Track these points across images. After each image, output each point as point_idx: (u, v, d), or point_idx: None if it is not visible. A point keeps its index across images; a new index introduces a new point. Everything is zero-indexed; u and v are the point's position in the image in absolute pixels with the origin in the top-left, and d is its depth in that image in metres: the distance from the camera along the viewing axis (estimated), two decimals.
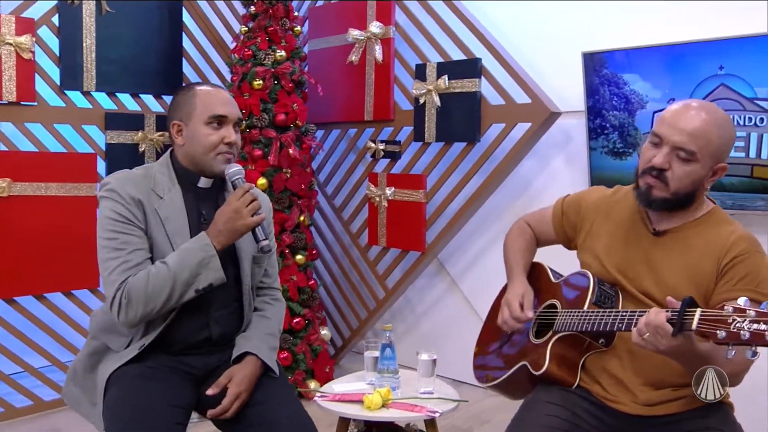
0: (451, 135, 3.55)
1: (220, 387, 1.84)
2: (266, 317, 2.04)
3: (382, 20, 3.76)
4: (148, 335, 1.85)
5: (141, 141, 3.67)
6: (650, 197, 1.73)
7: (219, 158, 1.87)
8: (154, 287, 1.74)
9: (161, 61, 3.79)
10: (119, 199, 1.81)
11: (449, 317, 3.97)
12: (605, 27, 3.22)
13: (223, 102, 1.89)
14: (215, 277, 1.79)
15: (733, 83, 2.78)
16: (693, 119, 1.67)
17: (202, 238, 1.79)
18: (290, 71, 3.62)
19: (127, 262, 1.77)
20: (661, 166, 1.69)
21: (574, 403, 1.78)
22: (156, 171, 1.92)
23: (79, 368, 1.94)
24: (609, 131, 3.15)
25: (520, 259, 2.11)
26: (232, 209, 1.80)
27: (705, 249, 1.71)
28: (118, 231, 1.79)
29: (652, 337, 1.51)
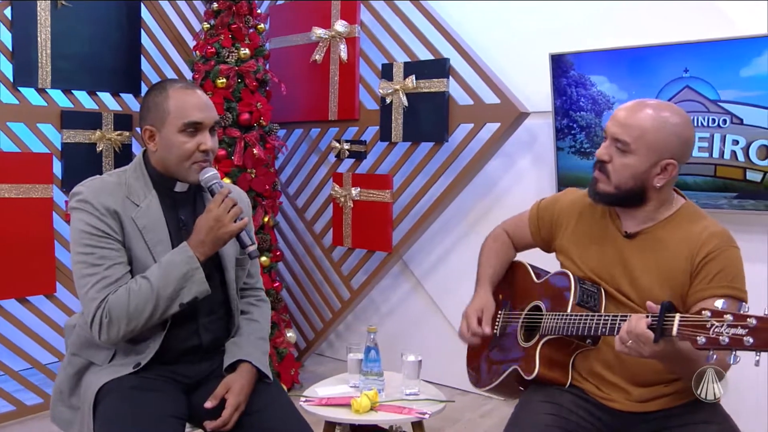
0: (418, 135, 3.55)
1: (218, 399, 1.78)
2: (254, 320, 1.99)
3: (347, 19, 3.73)
4: (142, 354, 1.78)
5: (99, 140, 3.54)
6: (596, 190, 1.80)
7: (194, 167, 1.77)
8: (136, 305, 1.66)
9: (119, 58, 3.67)
10: (93, 210, 1.71)
11: (414, 317, 3.97)
12: (570, 29, 3.28)
13: (198, 107, 1.76)
14: (199, 290, 1.73)
15: (698, 86, 2.86)
16: (632, 113, 1.74)
17: (185, 250, 1.71)
18: (255, 69, 3.55)
19: (106, 278, 1.68)
20: (601, 158, 1.76)
21: (569, 401, 1.79)
22: (129, 176, 1.82)
23: (65, 388, 1.85)
24: (576, 131, 3.21)
25: (488, 268, 2.12)
26: (212, 218, 1.72)
27: (677, 248, 1.74)
28: (94, 245, 1.69)
29: (634, 344, 1.52)
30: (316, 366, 4.21)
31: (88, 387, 1.76)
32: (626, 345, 1.54)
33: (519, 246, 2.16)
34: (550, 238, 2.04)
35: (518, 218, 2.17)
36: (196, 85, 1.91)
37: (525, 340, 1.93)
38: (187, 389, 1.86)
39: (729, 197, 2.85)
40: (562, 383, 1.83)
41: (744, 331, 1.36)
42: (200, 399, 1.83)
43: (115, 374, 1.75)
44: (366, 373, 2.33)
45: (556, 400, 1.78)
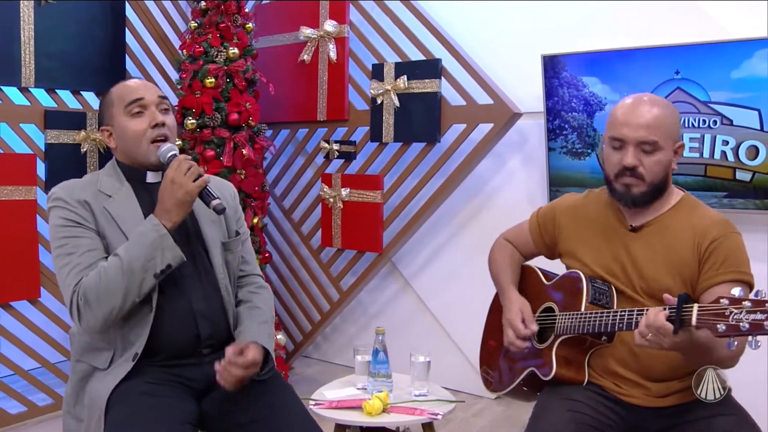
0: (410, 135, 3.55)
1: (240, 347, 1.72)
2: (256, 307, 1.96)
3: (336, 19, 3.71)
4: (136, 342, 1.73)
5: (83, 141, 3.45)
6: (631, 195, 1.82)
7: (152, 147, 1.80)
8: (108, 282, 1.64)
9: (104, 56, 3.58)
10: (65, 204, 1.74)
11: (403, 318, 3.97)
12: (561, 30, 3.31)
13: (136, 87, 1.84)
14: (172, 256, 1.69)
15: (689, 87, 2.92)
16: (644, 113, 1.77)
17: (150, 219, 1.70)
18: (244, 69, 3.51)
19: (79, 265, 1.68)
20: (633, 165, 1.78)
21: (588, 398, 1.81)
22: (102, 174, 1.87)
23: (71, 398, 1.80)
24: (568, 132, 3.25)
25: (508, 273, 2.13)
26: (169, 182, 1.70)
27: (681, 237, 1.80)
28: (68, 236, 1.72)
29: (654, 337, 1.56)
30: (304, 368, 4.18)
31: (95, 397, 1.72)
32: (646, 338, 1.57)
33: (524, 256, 2.18)
34: (553, 245, 2.07)
35: (518, 229, 2.20)
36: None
37: (539, 342, 1.94)
38: (196, 395, 1.82)
39: (719, 196, 2.91)
40: (579, 381, 1.86)
41: (764, 316, 1.40)
42: (210, 405, 1.81)
43: (118, 377, 1.71)
44: (374, 375, 2.32)
45: (575, 398, 1.80)
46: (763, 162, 2.80)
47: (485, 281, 3.58)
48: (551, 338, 1.89)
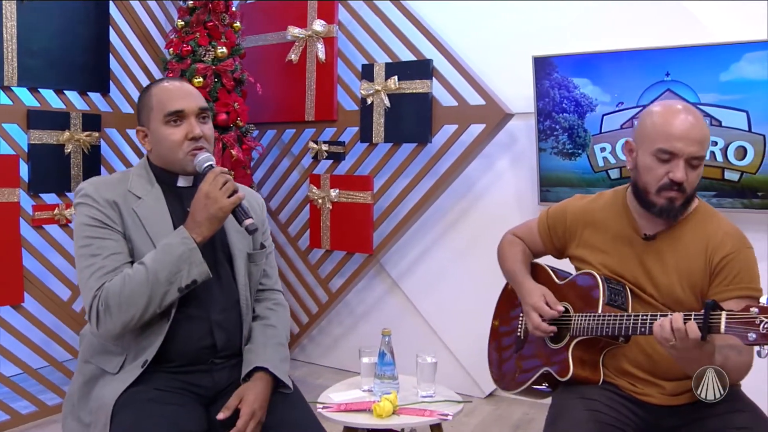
0: (401, 136, 3.54)
1: (231, 409, 1.70)
2: (271, 325, 1.91)
3: (324, 19, 3.69)
4: (148, 349, 1.69)
5: (67, 142, 3.37)
6: (675, 209, 1.79)
7: (188, 157, 1.75)
8: (131, 290, 1.60)
9: (88, 55, 3.49)
10: (92, 203, 1.70)
11: (391, 318, 3.96)
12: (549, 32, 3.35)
13: (178, 96, 1.77)
14: (199, 271, 1.65)
15: (679, 89, 2.98)
16: (694, 127, 1.74)
17: (180, 232, 1.66)
18: (232, 69, 3.47)
19: (103, 268, 1.64)
20: (683, 180, 1.74)
21: (604, 397, 1.82)
22: (133, 173, 1.82)
23: (76, 400, 1.75)
24: (558, 133, 3.28)
25: (521, 265, 2.12)
26: (203, 195, 1.66)
27: (694, 248, 1.81)
28: (93, 236, 1.67)
29: (680, 342, 1.57)
30: (292, 371, 4.12)
31: (102, 402, 1.67)
32: (670, 344, 1.59)
33: (533, 254, 2.19)
34: (564, 247, 2.07)
35: (527, 227, 2.19)
36: (182, 79, 1.88)
37: (553, 342, 1.95)
38: (205, 402, 1.79)
39: (708, 196, 2.97)
40: (595, 381, 1.87)
41: None
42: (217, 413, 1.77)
43: (126, 382, 1.67)
44: (381, 377, 2.31)
45: (592, 398, 1.81)
46: (751, 162, 2.86)
47: (475, 281, 3.64)
48: (566, 339, 1.90)
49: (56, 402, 3.38)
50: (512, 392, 2.07)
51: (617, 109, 3.13)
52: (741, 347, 1.71)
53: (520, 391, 2.04)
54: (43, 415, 3.32)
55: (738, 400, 1.80)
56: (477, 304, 3.65)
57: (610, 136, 3.15)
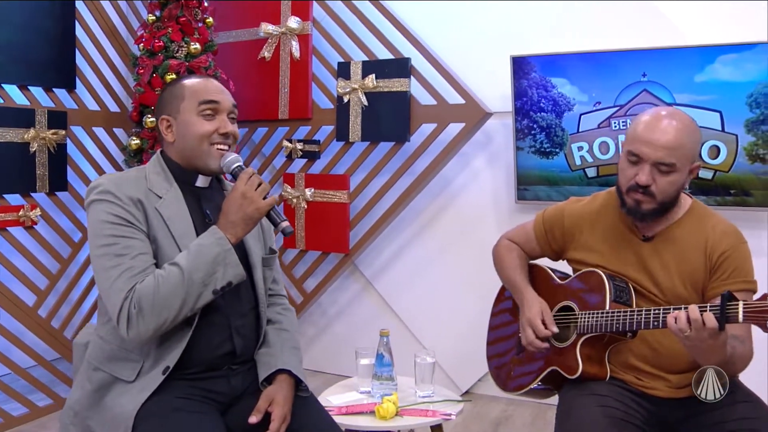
0: (378, 135, 3.53)
1: (263, 412, 1.67)
2: (285, 329, 1.89)
3: (299, 16, 3.64)
4: (169, 355, 1.63)
5: (32, 140, 3.22)
6: (641, 211, 1.84)
7: (214, 151, 1.70)
8: (166, 293, 1.54)
9: (53, 50, 3.35)
10: (115, 200, 1.61)
11: (364, 319, 3.94)
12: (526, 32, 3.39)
13: (214, 89, 1.74)
14: (234, 273, 1.61)
15: (655, 89, 3.05)
16: (666, 132, 1.77)
17: (215, 232, 1.61)
18: (206, 65, 3.38)
19: (132, 268, 1.56)
20: (646, 184, 1.79)
21: (613, 393, 1.85)
22: (149, 171, 1.73)
23: (81, 408, 1.67)
24: (536, 132, 3.32)
25: (520, 273, 2.13)
26: (239, 195, 1.62)
27: (693, 246, 1.86)
28: (118, 235, 1.58)
29: (695, 332, 1.61)
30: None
31: (119, 411, 1.60)
32: (685, 335, 1.63)
33: (529, 257, 2.21)
34: (561, 250, 2.10)
35: (522, 231, 2.21)
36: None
37: (558, 341, 1.97)
38: (222, 409, 1.74)
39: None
40: (602, 377, 1.89)
41: None
42: (235, 419, 1.73)
43: (147, 390, 1.60)
44: (379, 378, 2.29)
45: (602, 393, 1.83)
46: (724, 161, 2.96)
47: (451, 280, 3.66)
48: (573, 337, 1.92)
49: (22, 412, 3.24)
50: (516, 393, 2.08)
51: (594, 109, 3.18)
52: (743, 338, 1.78)
53: (525, 392, 2.05)
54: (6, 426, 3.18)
55: (738, 391, 1.86)
56: (453, 302, 3.69)
57: (588, 135, 3.21)
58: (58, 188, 3.37)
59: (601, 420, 1.76)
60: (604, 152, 3.18)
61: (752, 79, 2.88)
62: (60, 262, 3.45)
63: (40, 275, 3.38)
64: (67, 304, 3.51)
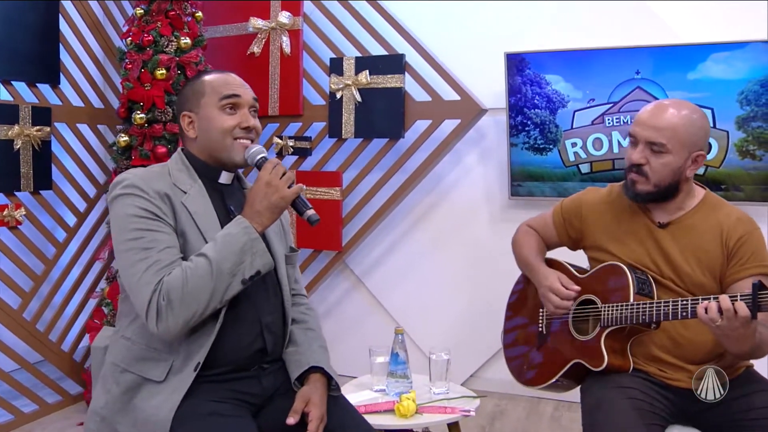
0: (372, 131, 3.51)
1: (299, 413, 1.64)
2: (311, 329, 1.87)
3: (289, 11, 3.59)
4: (199, 351, 1.59)
5: (16, 137, 3.11)
6: (635, 191, 1.92)
7: (237, 145, 1.68)
8: (195, 284, 1.51)
9: (36, 43, 3.23)
10: (142, 193, 1.58)
11: (354, 315, 3.92)
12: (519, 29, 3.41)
13: (235, 83, 1.73)
14: (263, 262, 1.59)
15: (648, 87, 3.11)
16: (660, 115, 1.87)
17: (241, 222, 1.59)
18: (197, 61, 3.31)
19: (159, 261, 1.53)
20: (638, 162, 1.88)
21: (638, 384, 1.87)
22: (172, 168, 1.70)
23: (109, 413, 1.61)
24: (530, 128, 3.35)
25: (535, 253, 2.17)
26: (264, 183, 1.60)
27: (709, 234, 1.91)
28: (144, 228, 1.55)
29: (727, 322, 1.65)
30: None
31: (152, 414, 1.55)
32: (716, 324, 1.66)
33: (547, 246, 2.23)
34: (579, 238, 2.12)
35: (541, 220, 2.23)
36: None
37: (580, 334, 1.99)
38: (254, 411, 1.71)
39: None
40: (626, 369, 1.92)
41: None
42: (267, 421, 1.70)
43: (179, 392, 1.56)
44: (394, 376, 2.28)
45: (628, 386, 1.86)
46: (715, 156, 3.03)
47: (442, 276, 3.67)
48: (597, 330, 1.94)
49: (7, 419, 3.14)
50: (537, 387, 2.09)
51: (588, 106, 3.23)
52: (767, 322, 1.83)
53: (546, 386, 2.06)
54: None
55: (756, 381, 1.91)
56: (444, 299, 3.69)
57: (581, 131, 3.25)
58: (42, 187, 3.27)
59: (630, 412, 1.78)
60: (598, 148, 3.23)
61: (743, 77, 2.95)
62: (45, 263, 3.34)
63: (24, 277, 3.27)
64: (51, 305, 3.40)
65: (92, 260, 3.55)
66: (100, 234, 3.60)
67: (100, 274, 3.59)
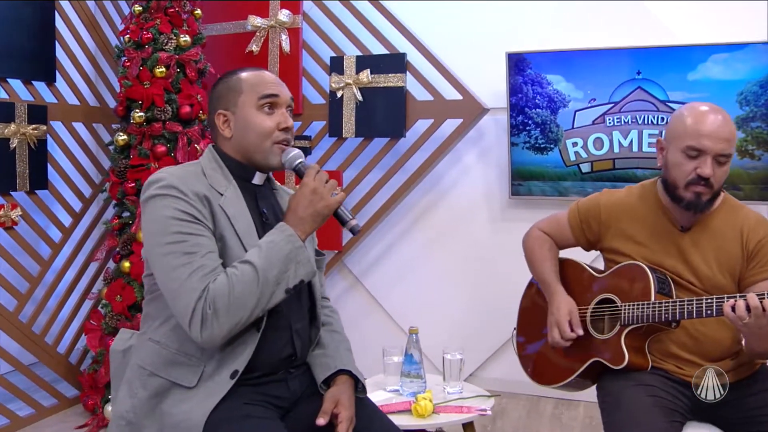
0: (373, 130, 3.50)
1: (329, 414, 1.63)
2: (336, 331, 1.86)
3: (289, 9, 3.57)
4: (237, 359, 1.56)
5: (12, 136, 3.04)
6: (701, 203, 1.89)
7: (275, 148, 1.65)
8: (241, 292, 1.48)
9: (32, 40, 3.17)
10: (181, 195, 1.52)
11: (352, 316, 3.89)
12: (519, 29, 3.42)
13: (272, 82, 1.68)
14: (306, 271, 1.56)
15: (649, 87, 3.14)
16: (724, 126, 1.85)
17: (284, 229, 1.55)
18: (197, 59, 3.27)
19: (203, 267, 1.49)
20: (711, 176, 1.85)
21: (657, 382, 1.89)
22: (205, 167, 1.65)
23: (136, 417, 1.58)
24: (531, 128, 3.36)
25: (551, 271, 2.15)
26: (310, 191, 1.56)
27: (729, 235, 1.93)
28: (186, 232, 1.51)
29: (755, 319, 1.68)
30: None
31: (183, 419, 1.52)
32: (744, 322, 1.69)
33: (560, 247, 2.23)
34: (597, 240, 2.12)
35: (555, 221, 2.22)
36: None
37: (599, 332, 2.00)
38: (281, 414, 1.69)
39: None
40: (644, 367, 1.93)
41: None
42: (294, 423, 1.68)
43: (214, 397, 1.53)
44: (408, 375, 2.27)
45: (648, 383, 1.87)
46: None
47: (442, 276, 3.67)
48: (617, 328, 1.95)
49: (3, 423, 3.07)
50: (553, 386, 2.10)
51: (589, 106, 3.25)
52: None
53: (563, 384, 2.07)
54: None
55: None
56: (443, 299, 3.70)
57: (582, 131, 3.27)
58: (38, 186, 3.20)
59: (652, 409, 1.80)
60: (599, 148, 3.25)
61: (742, 78, 2.99)
62: (40, 264, 3.28)
63: (20, 279, 3.20)
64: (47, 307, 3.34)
65: (88, 261, 3.49)
66: (95, 234, 3.54)
67: (96, 274, 3.53)
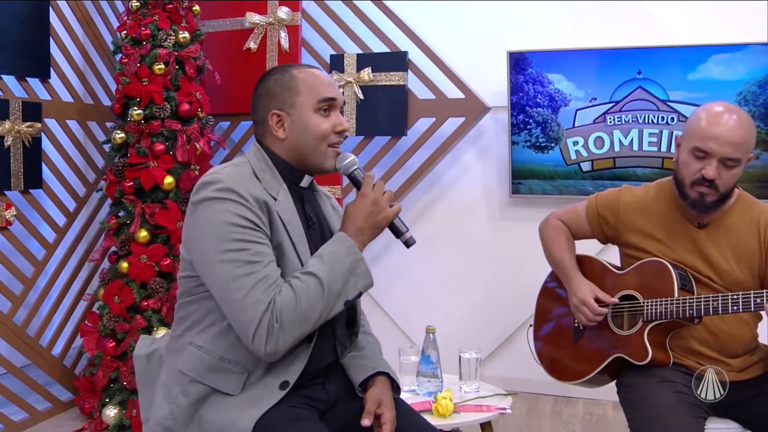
0: (375, 129, 3.48)
1: (373, 414, 1.60)
2: (369, 333, 1.85)
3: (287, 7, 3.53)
4: (287, 370, 1.53)
5: (7, 133, 2.96)
6: (705, 204, 1.92)
7: (330, 151, 1.61)
8: (307, 304, 1.44)
9: (26, 35, 3.08)
10: (241, 200, 1.47)
11: None
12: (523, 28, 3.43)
13: (328, 83, 1.63)
14: (364, 283, 1.53)
15: (650, 86, 3.17)
16: (734, 130, 1.86)
17: (344, 240, 1.52)
18: (196, 56, 3.22)
19: (267, 278, 1.44)
20: (713, 178, 1.87)
21: (679, 378, 1.91)
22: (256, 168, 1.59)
23: (175, 424, 1.53)
24: (532, 126, 3.37)
25: (569, 258, 2.17)
26: (370, 202, 1.55)
27: (745, 231, 1.96)
28: (248, 240, 1.45)
29: None
30: None
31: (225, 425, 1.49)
32: None
33: (576, 237, 2.24)
34: (614, 235, 2.13)
35: (573, 212, 2.23)
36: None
37: (620, 329, 2.01)
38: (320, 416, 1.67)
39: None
40: (666, 363, 1.95)
41: None
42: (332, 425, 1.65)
43: (261, 406, 1.49)
44: (425, 375, 2.26)
45: (672, 380, 1.89)
46: None
47: (440, 275, 3.66)
48: (639, 324, 1.96)
49: None
50: (574, 382, 2.10)
51: (590, 105, 3.27)
52: None
53: (584, 381, 2.08)
54: None
55: None
56: (443, 298, 3.69)
57: (583, 130, 3.29)
58: (32, 186, 3.12)
59: (678, 405, 1.82)
60: (599, 147, 3.28)
61: (742, 78, 3.04)
62: (35, 265, 3.20)
63: (14, 280, 3.12)
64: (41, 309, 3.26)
65: (82, 262, 3.42)
66: (89, 234, 3.47)
67: (90, 275, 3.46)
